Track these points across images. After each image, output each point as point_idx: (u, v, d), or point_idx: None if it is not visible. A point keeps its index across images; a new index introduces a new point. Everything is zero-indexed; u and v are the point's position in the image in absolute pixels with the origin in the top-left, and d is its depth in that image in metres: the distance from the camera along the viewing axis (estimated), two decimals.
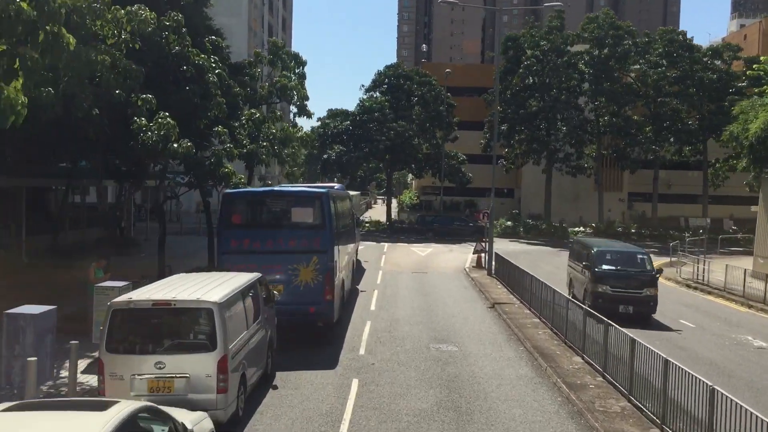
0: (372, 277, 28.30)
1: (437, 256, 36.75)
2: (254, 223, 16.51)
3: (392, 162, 52.26)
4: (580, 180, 56.06)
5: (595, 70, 49.87)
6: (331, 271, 16.05)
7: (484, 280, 27.33)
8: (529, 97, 51.29)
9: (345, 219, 21.53)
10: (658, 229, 51.03)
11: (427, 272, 30.27)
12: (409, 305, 21.70)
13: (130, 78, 14.60)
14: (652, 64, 49.75)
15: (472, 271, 30.28)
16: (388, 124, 49.24)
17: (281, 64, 29.06)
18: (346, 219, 21.89)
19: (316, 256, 15.87)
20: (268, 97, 28.77)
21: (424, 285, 26.34)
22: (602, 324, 13.43)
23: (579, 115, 50.04)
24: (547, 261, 35.97)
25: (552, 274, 30.53)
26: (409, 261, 34.39)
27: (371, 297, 22.94)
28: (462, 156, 53.69)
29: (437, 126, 52.23)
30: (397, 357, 15.12)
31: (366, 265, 32.12)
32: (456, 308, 21.36)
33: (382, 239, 46.02)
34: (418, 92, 51.65)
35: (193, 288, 10.72)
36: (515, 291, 23.41)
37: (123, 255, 26.04)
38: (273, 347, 13.39)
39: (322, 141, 51.90)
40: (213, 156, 20.27)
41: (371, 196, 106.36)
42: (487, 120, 54.31)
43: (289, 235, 15.99)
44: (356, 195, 31.11)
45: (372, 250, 38.41)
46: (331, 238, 16.16)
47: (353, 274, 24.78)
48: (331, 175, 53.55)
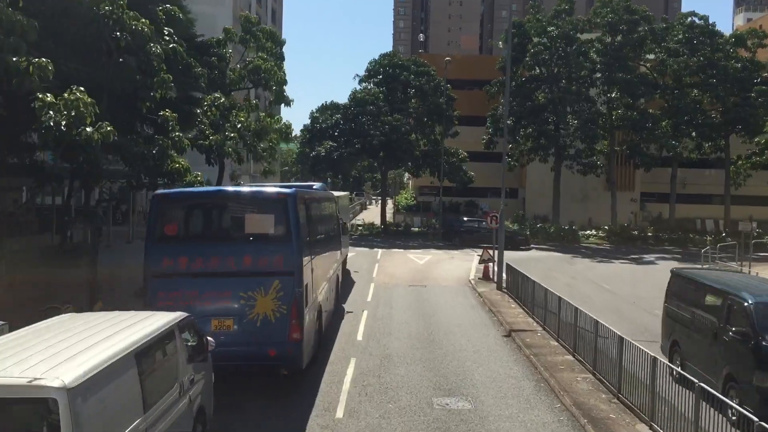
0: (362, 292, 24.07)
1: (437, 265, 32.51)
2: (195, 236, 12.27)
3: (387, 159, 47.91)
4: (589, 179, 51.89)
5: (608, 58, 45.65)
6: (299, 299, 11.82)
7: (494, 296, 23.11)
8: (535, 89, 47.07)
9: (325, 226, 17.31)
10: (677, 231, 46.81)
11: (427, 285, 26.05)
12: (406, 333, 17.46)
13: (14, 33, 10.36)
14: (671, 52, 45.50)
15: (479, 284, 26.05)
16: (382, 118, 44.91)
17: (255, 44, 24.77)
18: (327, 225, 17.68)
19: (278, 280, 11.68)
20: (239, 81, 24.48)
21: (423, 303, 22.11)
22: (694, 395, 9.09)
23: (591, 107, 45.78)
24: (560, 269, 31.79)
25: (570, 287, 26.35)
26: (405, 271, 30.16)
27: (359, 321, 18.71)
28: (463, 153, 49.40)
29: (436, 120, 47.93)
30: (388, 422, 10.88)
31: (356, 276, 27.89)
32: (464, 338, 17.11)
33: (376, 244, 41.78)
34: (416, 83, 47.31)
35: (50, 352, 6.47)
36: (534, 313, 19.18)
37: (63, 267, 21.70)
38: (205, 421, 9.15)
39: (311, 137, 47.58)
40: (157, 147, 16.00)
41: (366, 197, 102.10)
42: (490, 114, 50.10)
43: (241, 251, 11.77)
44: (343, 196, 26.85)
45: (364, 258, 34.17)
46: (299, 255, 11.92)
47: (338, 291, 20.55)
48: (321, 174, 49.24)
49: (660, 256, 38.83)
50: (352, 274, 28.54)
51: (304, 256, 12.26)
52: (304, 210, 13.32)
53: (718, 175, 54.76)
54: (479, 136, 52.75)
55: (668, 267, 34.80)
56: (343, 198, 26.20)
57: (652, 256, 38.64)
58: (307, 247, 12.91)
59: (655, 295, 25.45)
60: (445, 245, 42.44)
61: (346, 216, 28.41)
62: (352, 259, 32.99)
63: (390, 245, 41.49)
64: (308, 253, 12.93)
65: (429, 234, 47.15)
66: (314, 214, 14.97)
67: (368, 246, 40.58)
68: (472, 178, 49.43)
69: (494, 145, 49.70)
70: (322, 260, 15.32)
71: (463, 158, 49.13)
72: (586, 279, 29.11)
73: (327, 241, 16.93)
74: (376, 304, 21.60)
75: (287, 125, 26.42)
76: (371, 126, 45.10)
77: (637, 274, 31.41)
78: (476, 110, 55.23)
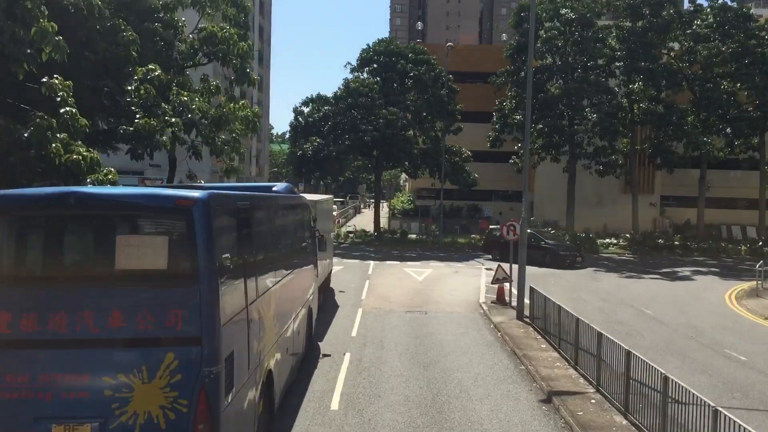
0: (346, 322, 18.92)
1: (439, 282, 27.36)
2: (23, 274, 7.07)
3: (381, 158, 42.75)
4: (604, 181, 46.83)
5: (630, 44, 40.57)
6: (214, 386, 6.72)
7: (515, 330, 17.98)
8: (547, 80, 41.98)
9: (288, 243, 12.19)
10: (706, 240, 41.71)
11: (428, 312, 20.92)
12: (402, 395, 12.31)
13: None
14: (700, 38, 40.40)
15: (493, 310, 20.92)
16: (376, 111, 39.74)
17: (213, 8, 19.60)
18: (291, 243, 12.55)
19: (172, 353, 6.60)
20: (191, 55, 19.31)
21: (424, 340, 16.96)
22: None
23: (611, 99, 40.64)
24: (585, 288, 26.70)
25: (605, 312, 21.27)
26: (401, 290, 25.02)
27: (338, 372, 13.59)
28: (466, 151, 44.26)
29: (437, 115, 42.77)
30: None
31: (342, 298, 22.78)
32: (485, 405, 11.94)
33: (369, 255, 36.63)
34: (414, 72, 42.12)
35: None
36: (576, 360, 14.04)
37: None
38: None
39: (296, 133, 42.42)
40: (32, 128, 10.83)
41: (361, 200, 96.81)
42: (496, 108, 45.04)
43: (107, 301, 6.67)
44: (324, 200, 21.68)
45: (353, 272, 29.03)
46: (212, 307, 6.78)
47: (311, 328, 15.40)
48: (308, 175, 44.11)
49: (695, 269, 33.71)
50: (337, 295, 23.47)
51: (227, 306, 7.13)
52: (236, 225, 8.18)
53: (744, 177, 49.82)
54: (482, 134, 47.75)
55: (709, 283, 29.93)
56: (324, 203, 21.06)
57: (685, 270, 33.52)
58: (238, 287, 7.78)
59: (713, 324, 20.38)
60: (446, 256, 37.28)
61: (328, 225, 23.23)
62: (339, 274, 27.90)
63: (384, 256, 36.32)
64: (240, 298, 7.82)
65: (428, 242, 41.99)
66: (263, 230, 9.85)
67: (359, 257, 35.43)
68: (477, 179, 44.27)
69: (501, 143, 44.69)
70: (278, 297, 10.23)
71: (467, 157, 44.00)
72: (620, 301, 24.02)
73: (290, 265, 11.81)
74: (362, 343, 16.48)
75: (254, 113, 21.25)
76: (364, 120, 39.94)
77: (678, 293, 26.33)
78: (479, 105, 50.22)
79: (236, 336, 7.48)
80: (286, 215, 12.67)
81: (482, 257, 36.93)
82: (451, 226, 48.04)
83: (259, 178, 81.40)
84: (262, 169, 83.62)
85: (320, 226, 20.47)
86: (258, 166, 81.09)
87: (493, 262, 33.69)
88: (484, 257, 35.72)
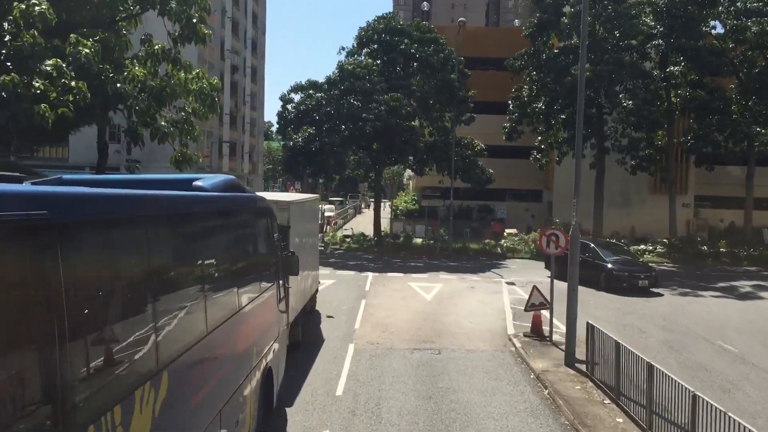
0: (331, 369, 13.67)
1: (453, 302, 22.04)
2: None
3: (382, 152, 37.39)
4: (632, 179, 41.49)
5: (669, 21, 35.17)
6: None
7: (570, 387, 12.65)
8: (573, 63, 36.60)
9: (215, 279, 6.90)
10: (757, 247, 36.24)
11: (442, 349, 15.65)
12: None
13: None
14: (752, 12, 34.91)
15: (529, 347, 15.59)
16: (377, 97, 34.36)
17: None
18: (225, 276, 7.30)
19: None
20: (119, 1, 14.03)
21: (440, 405, 11.67)
22: None
23: (648, 84, 35.19)
24: (635, 311, 21.26)
25: (674, 350, 15.86)
26: (406, 314, 19.73)
27: None
28: (479, 144, 38.91)
29: (446, 102, 37.39)
30: None
31: (330, 327, 17.54)
32: None
33: (367, 264, 31.36)
34: (420, 53, 36.71)
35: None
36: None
37: None
38: None
39: (284, 123, 37.12)
40: None
41: (362, 200, 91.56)
42: (513, 96, 39.72)
43: None
44: (306, 201, 16.37)
45: (346, 288, 23.76)
46: None
47: (269, 398, 10.03)
48: (300, 171, 38.84)
49: (756, 284, 28.24)
50: (324, 321, 18.26)
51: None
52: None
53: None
54: (493, 126, 42.48)
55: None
56: (304, 204, 15.81)
57: (745, 285, 28.09)
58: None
59: None
60: (458, 266, 32.01)
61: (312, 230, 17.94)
62: (329, 291, 22.69)
63: (385, 265, 31.04)
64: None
65: (436, 248, 36.65)
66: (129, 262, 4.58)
67: (356, 267, 30.15)
68: (492, 175, 38.90)
69: (518, 136, 39.37)
70: (183, 378, 5.00)
71: (480, 151, 38.63)
72: (686, 331, 18.68)
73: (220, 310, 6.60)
74: (350, 409, 11.23)
75: (212, 85, 15.87)
76: (363, 108, 34.59)
77: (754, 318, 20.98)
78: (490, 95, 44.89)
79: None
80: (214, 228, 7.38)
81: (501, 267, 31.68)
82: (460, 228, 42.59)
83: (254, 176, 76.15)
84: (256, 166, 78.23)
85: (299, 234, 15.19)
86: (252, 162, 75.69)
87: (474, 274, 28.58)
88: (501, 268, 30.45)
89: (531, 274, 28.96)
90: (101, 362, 4.15)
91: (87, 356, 3.91)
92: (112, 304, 4.48)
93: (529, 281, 26.78)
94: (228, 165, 64.35)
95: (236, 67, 66.53)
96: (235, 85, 66.85)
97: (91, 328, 4.04)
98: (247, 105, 72.15)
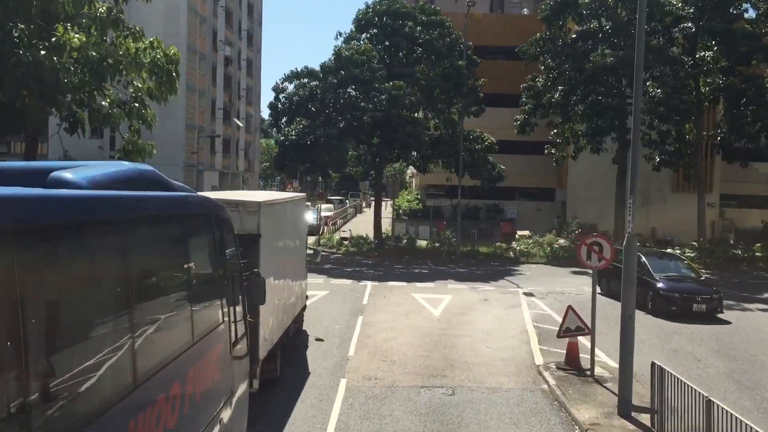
0: (315, 413, 10.48)
1: (466, 319, 18.77)
2: None
3: (383, 146, 34.09)
4: (653, 176, 38.18)
5: (700, 1, 31.84)
6: None
7: None
8: (593, 49, 33.37)
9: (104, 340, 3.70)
10: None
11: (456, 387, 12.42)
12: None
13: None
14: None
15: (567, 386, 12.34)
16: (377, 85, 31.06)
17: None
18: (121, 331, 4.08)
19: None
20: None
21: None
22: None
23: (678, 71, 31.82)
24: (682, 330, 17.91)
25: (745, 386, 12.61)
26: (410, 335, 16.47)
27: None
28: (489, 138, 35.65)
29: (453, 92, 34.09)
30: None
31: (317, 352, 14.31)
32: None
33: (366, 271, 28.14)
34: (424, 36, 33.40)
35: None
36: None
37: None
38: None
39: (276, 115, 33.87)
40: None
41: (362, 199, 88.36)
42: (526, 86, 36.45)
43: None
44: (288, 201, 13.04)
45: (341, 302, 20.51)
46: None
47: None
48: (292, 167, 35.62)
49: None
50: (311, 346, 15.08)
51: None
52: None
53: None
54: (503, 120, 39.28)
55: None
56: (286, 206, 12.73)
57: None
58: None
59: None
60: (468, 273, 28.79)
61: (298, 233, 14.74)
62: (321, 306, 19.50)
63: (386, 273, 27.82)
64: None
65: (442, 252, 33.38)
66: None
67: (353, 275, 26.92)
68: (503, 172, 35.62)
69: (531, 128, 36.12)
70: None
71: (491, 145, 35.35)
72: (751, 359, 15.42)
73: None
74: None
75: (168, 56, 12.61)
76: (361, 97, 31.30)
77: None
78: (499, 86, 41.58)
79: None
80: (83, 250, 4.14)
81: (515, 274, 28.45)
82: (467, 230, 39.29)
83: (249, 173, 72.96)
84: (252, 163, 75.03)
85: (276, 245, 11.97)
86: (247, 160, 72.49)
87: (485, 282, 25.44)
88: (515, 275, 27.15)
89: (550, 283, 25.78)
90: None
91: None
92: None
93: (549, 291, 23.62)
94: (222, 162, 61.18)
95: (230, 59, 63.30)
96: (230, 78, 63.65)
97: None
98: (243, 99, 68.95)
